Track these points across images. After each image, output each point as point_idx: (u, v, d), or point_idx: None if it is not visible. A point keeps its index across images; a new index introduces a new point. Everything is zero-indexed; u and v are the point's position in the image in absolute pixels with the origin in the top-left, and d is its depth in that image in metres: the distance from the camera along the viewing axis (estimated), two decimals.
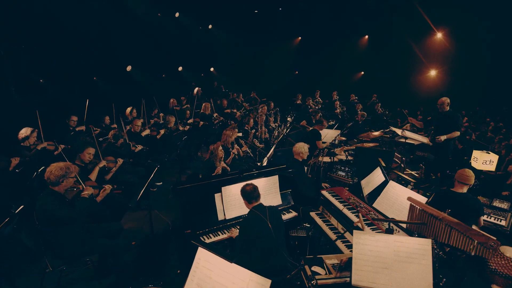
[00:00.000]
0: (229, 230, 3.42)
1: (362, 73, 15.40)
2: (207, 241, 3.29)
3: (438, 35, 12.54)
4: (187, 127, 7.38)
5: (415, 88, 13.64)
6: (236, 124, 7.39)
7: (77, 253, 3.10)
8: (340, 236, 3.23)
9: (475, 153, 5.10)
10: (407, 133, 5.82)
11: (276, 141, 6.98)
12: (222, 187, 3.54)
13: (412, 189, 3.81)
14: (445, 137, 5.47)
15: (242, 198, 2.93)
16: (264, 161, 5.43)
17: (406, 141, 5.99)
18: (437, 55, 12.80)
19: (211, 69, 14.22)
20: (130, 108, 7.29)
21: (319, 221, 3.69)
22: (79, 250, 3.08)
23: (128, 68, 9.28)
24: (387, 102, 12.20)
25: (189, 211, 3.44)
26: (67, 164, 2.98)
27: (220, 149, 4.85)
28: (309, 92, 11.94)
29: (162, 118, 7.74)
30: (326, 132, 6.46)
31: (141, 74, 9.73)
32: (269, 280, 1.93)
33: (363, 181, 4.32)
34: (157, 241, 4.11)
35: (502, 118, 10.54)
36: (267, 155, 5.50)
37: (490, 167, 4.94)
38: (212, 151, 4.84)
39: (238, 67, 14.55)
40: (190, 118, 8.05)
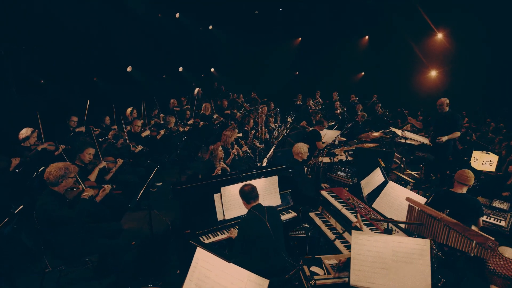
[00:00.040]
0: (229, 231, 3.43)
1: (363, 74, 15.40)
2: (207, 241, 3.30)
3: (439, 36, 12.53)
4: (187, 128, 7.39)
5: (416, 89, 13.62)
6: (236, 125, 7.39)
7: (77, 253, 3.11)
8: (339, 236, 3.24)
9: (475, 154, 5.10)
10: (407, 134, 5.82)
11: (276, 142, 6.98)
12: (222, 188, 3.55)
13: (412, 190, 3.81)
14: (447, 138, 5.48)
15: (241, 199, 2.94)
16: (264, 162, 5.43)
17: (406, 142, 5.99)
18: (438, 56, 12.78)
19: (212, 70, 14.24)
20: (131, 109, 7.31)
21: (318, 222, 3.69)
22: (79, 250, 3.09)
23: (129, 69, 9.30)
24: (388, 103, 12.19)
25: (189, 211, 3.45)
26: (66, 165, 2.99)
27: (220, 150, 4.86)
28: (310, 93, 11.95)
29: (162, 119, 7.76)
30: (326, 133, 6.46)
31: (142, 75, 9.75)
32: (267, 280, 1.93)
33: (363, 182, 4.32)
34: (157, 241, 4.11)
35: (503, 119, 10.52)
36: (267, 156, 5.50)
37: (490, 168, 4.94)
38: (212, 152, 4.84)
39: (239, 68, 14.57)
40: (190, 119, 8.06)
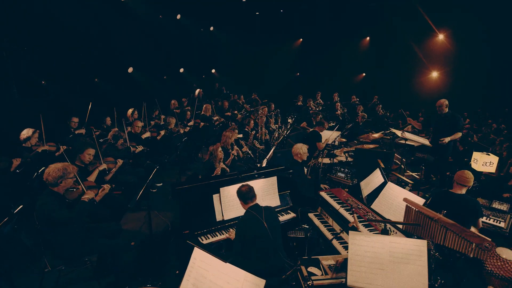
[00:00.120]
0: (227, 231, 3.44)
1: (364, 75, 15.39)
2: (205, 242, 3.31)
3: (440, 37, 12.52)
4: (187, 129, 7.40)
5: (417, 90, 13.61)
6: (236, 126, 7.40)
7: (77, 253, 3.12)
8: (338, 237, 3.24)
9: (475, 155, 5.08)
10: (407, 135, 5.82)
11: (276, 143, 6.99)
12: (221, 188, 3.56)
13: (410, 191, 3.80)
14: (449, 139, 5.49)
15: (238, 199, 2.95)
16: (264, 163, 5.44)
17: (406, 143, 5.98)
18: (439, 57, 12.77)
19: (213, 71, 14.27)
20: (132, 110, 7.33)
21: (317, 222, 3.70)
22: (79, 250, 3.10)
23: (130, 70, 9.33)
24: (389, 104, 12.18)
25: (188, 212, 3.46)
26: (65, 165, 3.00)
27: (220, 150, 4.87)
28: (310, 94, 11.96)
29: (163, 120, 7.78)
30: (327, 134, 6.46)
31: (143, 76, 9.78)
32: (264, 280, 1.93)
33: (363, 183, 4.32)
34: (156, 242, 4.13)
35: (504, 120, 10.49)
36: (267, 157, 5.51)
37: (490, 169, 4.91)
38: (212, 152, 4.86)
39: (239, 69, 14.59)
40: (191, 120, 8.08)
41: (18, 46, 6.07)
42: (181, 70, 12.15)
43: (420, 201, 3.16)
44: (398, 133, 6.02)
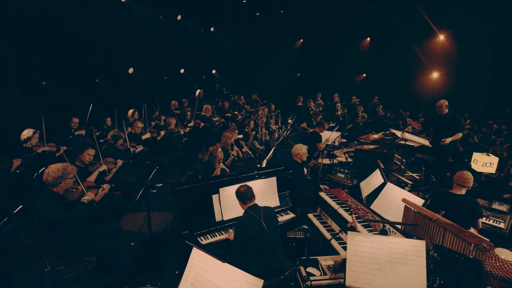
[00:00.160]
0: (227, 231, 3.44)
1: (364, 75, 15.39)
2: (205, 242, 3.31)
3: (440, 37, 12.51)
4: (187, 129, 7.40)
5: (417, 90, 13.60)
6: (236, 126, 7.41)
7: (77, 253, 3.13)
8: (337, 238, 3.24)
9: (475, 155, 5.06)
10: (407, 135, 5.82)
11: (276, 143, 6.99)
12: (220, 188, 3.57)
13: (410, 191, 3.80)
14: (450, 139, 5.49)
15: (237, 200, 2.95)
16: (264, 163, 5.44)
17: (406, 143, 5.98)
18: (439, 57, 12.76)
19: (213, 72, 14.28)
20: (132, 110, 7.34)
21: (316, 223, 3.70)
22: (79, 250, 3.11)
23: (130, 70, 9.34)
24: (389, 104, 12.18)
25: (187, 212, 3.46)
26: (64, 165, 3.01)
27: (220, 151, 4.88)
28: (311, 94, 11.96)
29: (163, 121, 7.79)
30: (327, 134, 6.46)
31: (143, 76, 9.80)
32: (261, 280, 1.94)
33: (362, 183, 4.32)
34: (156, 242, 4.13)
35: (505, 121, 10.47)
36: (267, 157, 5.51)
37: (490, 170, 4.89)
38: (212, 153, 4.87)
39: (240, 69, 14.60)
40: (191, 120, 8.08)
41: (19, 47, 6.09)
42: (182, 71, 12.17)
43: (419, 202, 3.16)
44: (398, 134, 6.02)
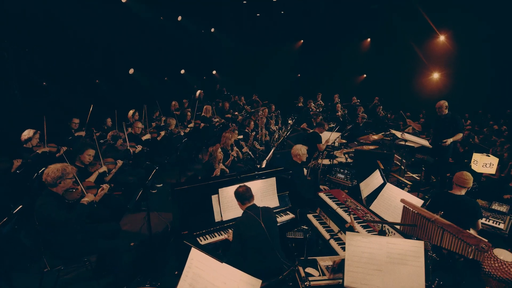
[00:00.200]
0: (226, 232, 3.44)
1: (365, 76, 15.39)
2: (204, 242, 3.31)
3: (441, 38, 12.51)
4: (187, 130, 7.41)
5: (418, 91, 13.60)
6: (236, 127, 7.41)
7: (77, 253, 3.13)
8: (336, 238, 3.24)
9: (475, 156, 5.06)
10: (407, 136, 5.82)
11: (276, 144, 6.99)
12: (219, 189, 3.56)
13: (409, 192, 3.80)
14: (451, 140, 5.49)
15: (236, 200, 2.96)
16: (263, 164, 5.44)
17: (406, 144, 5.98)
18: (440, 58, 12.76)
19: (213, 72, 14.30)
20: (133, 111, 7.34)
21: (316, 223, 3.70)
22: (79, 250, 3.11)
23: (131, 71, 9.36)
24: (390, 105, 12.17)
25: (187, 212, 3.46)
26: (64, 166, 3.01)
27: (219, 151, 4.88)
28: (311, 95, 11.97)
29: (163, 121, 7.80)
30: (327, 135, 6.46)
31: (144, 77, 9.82)
32: (259, 280, 1.94)
33: (362, 184, 4.31)
34: (156, 242, 4.14)
35: (505, 121, 10.45)
36: (266, 158, 5.51)
37: (490, 170, 4.89)
38: (211, 153, 4.88)
39: (240, 70, 14.63)
40: (191, 120, 8.09)
41: (20, 47, 6.11)
42: (182, 72, 12.19)
43: (418, 202, 3.16)
44: (398, 134, 6.02)
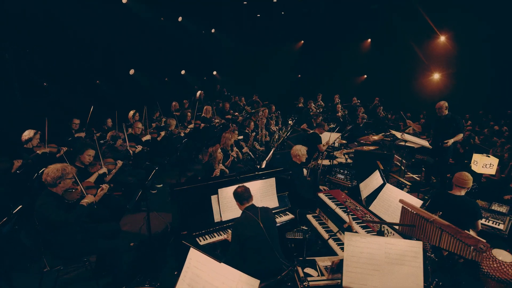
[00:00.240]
0: (225, 232, 3.45)
1: (365, 77, 15.38)
2: (203, 243, 3.31)
3: (441, 38, 12.49)
4: (188, 130, 7.41)
5: (418, 92, 13.58)
6: (236, 127, 7.42)
7: (76, 254, 3.13)
8: (335, 238, 3.24)
9: (475, 157, 5.06)
10: (406, 136, 5.81)
11: (276, 144, 7.00)
12: (219, 189, 3.56)
13: (409, 192, 3.80)
14: (453, 141, 5.50)
15: (235, 200, 2.96)
16: (263, 164, 5.44)
17: (406, 144, 5.98)
18: (440, 58, 12.75)
19: (214, 73, 14.32)
20: (133, 112, 7.35)
21: (315, 223, 3.70)
22: (78, 251, 3.12)
23: (131, 72, 9.38)
24: (390, 106, 12.17)
25: (186, 213, 3.47)
26: (64, 166, 3.02)
27: (219, 152, 4.89)
28: (311, 95, 11.97)
29: (164, 122, 7.80)
30: (327, 135, 6.47)
31: (144, 78, 9.83)
32: (258, 280, 1.94)
33: (362, 184, 4.31)
34: (156, 243, 4.14)
35: (506, 122, 10.43)
36: (266, 158, 5.52)
37: (490, 171, 4.89)
38: (211, 154, 4.88)
39: (241, 70, 14.64)
40: (191, 121, 8.09)
41: (20, 47, 6.13)
42: (183, 72, 12.21)
43: (417, 203, 3.16)
44: (398, 135, 6.02)
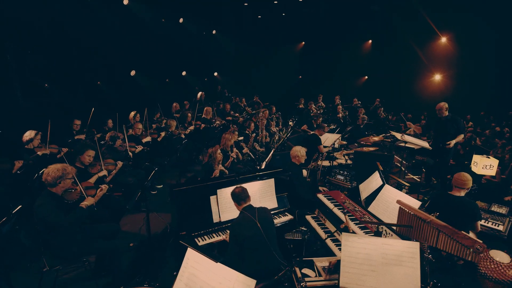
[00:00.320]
0: (224, 232, 3.46)
1: (366, 78, 15.37)
2: (202, 243, 3.32)
3: (442, 39, 12.47)
4: (188, 131, 7.43)
5: (419, 93, 13.55)
6: (236, 128, 7.43)
7: (76, 254, 3.14)
8: (334, 239, 3.24)
9: (475, 158, 5.05)
10: (406, 137, 5.81)
11: (276, 145, 7.00)
12: (218, 190, 3.57)
13: (407, 193, 3.79)
14: (454, 142, 5.51)
15: (233, 201, 2.97)
16: (263, 165, 5.45)
17: (406, 145, 5.98)
18: (441, 60, 12.71)
19: (215, 74, 14.36)
20: (134, 113, 7.37)
21: (314, 224, 3.70)
22: (79, 251, 3.12)
23: (132, 73, 9.42)
24: (391, 107, 12.15)
25: (185, 213, 3.48)
26: (64, 166, 3.04)
27: (219, 153, 4.90)
28: (312, 96, 11.97)
29: (164, 123, 7.82)
30: (327, 136, 6.47)
31: (145, 78, 9.87)
32: (254, 280, 1.95)
33: (361, 185, 4.31)
34: (155, 243, 4.15)
35: (507, 123, 10.39)
36: (266, 159, 5.53)
37: (491, 172, 4.88)
38: (211, 155, 4.89)
39: (241, 71, 14.66)
40: (192, 122, 8.10)
41: (22, 49, 6.17)
42: (184, 73, 12.24)
43: (415, 203, 3.15)
44: (398, 136, 6.01)
